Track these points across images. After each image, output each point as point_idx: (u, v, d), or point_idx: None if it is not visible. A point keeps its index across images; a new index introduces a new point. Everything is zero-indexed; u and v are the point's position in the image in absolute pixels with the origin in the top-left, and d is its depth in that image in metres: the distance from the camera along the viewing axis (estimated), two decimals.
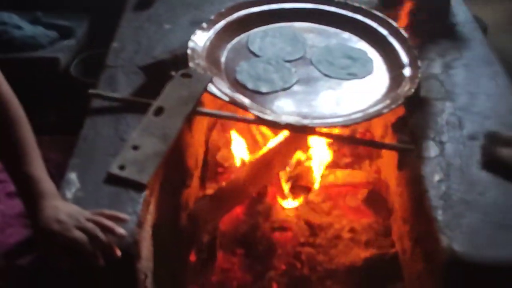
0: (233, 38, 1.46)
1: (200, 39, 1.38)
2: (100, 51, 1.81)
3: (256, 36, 1.47)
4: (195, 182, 1.42)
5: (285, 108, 1.25)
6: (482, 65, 1.40)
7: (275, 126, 1.19)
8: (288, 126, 1.17)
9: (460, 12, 1.64)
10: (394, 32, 1.44)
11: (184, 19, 1.54)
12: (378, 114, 1.20)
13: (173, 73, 1.23)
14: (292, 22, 1.53)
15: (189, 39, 1.36)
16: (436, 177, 1.07)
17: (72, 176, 1.05)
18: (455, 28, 1.56)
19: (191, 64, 1.28)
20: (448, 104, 1.25)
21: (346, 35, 1.50)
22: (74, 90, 1.78)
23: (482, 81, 1.34)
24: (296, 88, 1.32)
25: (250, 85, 1.31)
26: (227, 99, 1.21)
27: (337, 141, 1.41)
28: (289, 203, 1.45)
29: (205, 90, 1.21)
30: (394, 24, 1.46)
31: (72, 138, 1.34)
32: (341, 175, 1.53)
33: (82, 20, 1.94)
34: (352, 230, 1.42)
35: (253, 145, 1.50)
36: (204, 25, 1.42)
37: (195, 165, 1.40)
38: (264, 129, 1.48)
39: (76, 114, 1.46)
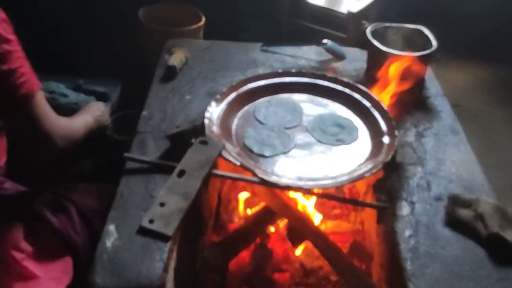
0: (242, 107, 1.61)
1: (215, 109, 1.53)
2: (130, 112, 1.98)
3: (261, 105, 1.62)
4: (209, 230, 1.55)
5: (284, 169, 1.39)
6: (449, 134, 1.54)
7: (276, 187, 1.33)
8: (286, 187, 1.31)
9: (433, 86, 1.79)
10: (376, 105, 1.59)
11: (202, 90, 1.69)
12: (361, 177, 1.33)
13: (193, 140, 1.38)
14: (292, 93, 1.68)
15: (206, 109, 1.51)
16: (407, 233, 1.20)
17: (111, 227, 1.18)
18: (427, 100, 1.72)
19: (207, 132, 1.42)
20: (419, 169, 1.39)
21: (336, 105, 1.65)
22: (107, 144, 1.92)
23: (448, 149, 1.48)
24: (294, 152, 1.46)
25: (255, 149, 1.45)
26: (237, 163, 1.35)
27: (327, 199, 1.54)
28: (291, 249, 1.57)
29: (219, 155, 1.35)
30: (376, 97, 1.61)
31: (105, 186, 1.49)
32: (330, 225, 1.66)
33: (116, 85, 2.10)
34: None
35: (257, 198, 1.64)
36: (218, 96, 1.58)
37: (209, 216, 1.54)
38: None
39: (109, 165, 1.61)
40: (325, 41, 1.93)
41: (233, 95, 1.61)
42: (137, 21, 2.54)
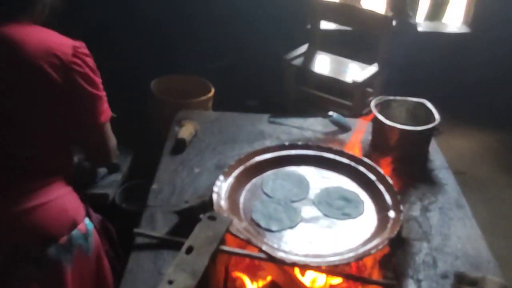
0: (250, 180, 1.64)
1: (223, 183, 1.57)
2: (140, 181, 2.02)
3: (269, 178, 1.65)
4: None
5: (291, 244, 1.40)
6: (454, 208, 1.56)
7: (283, 264, 1.34)
8: (293, 264, 1.32)
9: (437, 158, 1.82)
10: (381, 178, 1.61)
11: (210, 163, 1.74)
12: (367, 254, 1.34)
13: (201, 216, 1.40)
14: (298, 166, 1.72)
15: (214, 182, 1.54)
16: None
17: None
18: (432, 173, 1.74)
19: (215, 207, 1.45)
20: (425, 245, 1.40)
21: (342, 178, 1.67)
22: (116, 212, 1.96)
23: (453, 223, 1.49)
24: (300, 226, 1.47)
25: (263, 224, 1.47)
26: (244, 238, 1.37)
27: (334, 275, 1.54)
28: None
29: (227, 231, 1.37)
30: (381, 171, 1.64)
31: None
32: None
33: (127, 155, 2.16)
34: None
35: (264, 273, 1.63)
36: (226, 170, 1.61)
37: None
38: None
39: (118, 232, 1.64)
40: (330, 113, 1.99)
41: (240, 168, 1.64)
42: (148, 93, 2.64)
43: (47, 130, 1.35)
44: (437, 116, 1.79)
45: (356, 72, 2.89)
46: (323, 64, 3.04)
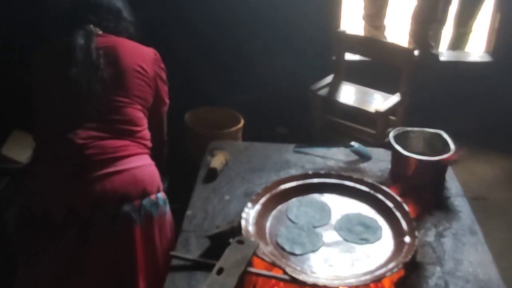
0: (276, 207, 1.74)
1: (251, 210, 1.68)
2: (175, 206, 2.15)
3: (293, 205, 1.76)
4: None
5: (313, 267, 1.50)
6: (467, 235, 1.63)
7: (304, 285, 1.44)
8: (314, 285, 1.42)
9: (453, 186, 1.89)
10: (398, 205, 1.70)
11: (239, 191, 1.85)
12: (382, 277, 1.43)
13: (230, 240, 1.52)
14: (321, 193, 1.81)
15: (242, 209, 1.66)
16: None
17: None
18: (448, 200, 1.82)
19: (243, 232, 1.57)
20: (438, 269, 1.48)
21: (362, 205, 1.76)
22: None
23: (466, 249, 1.56)
24: (322, 250, 1.57)
25: (287, 248, 1.57)
26: (269, 260, 1.48)
27: None
28: None
29: (254, 254, 1.49)
30: (398, 198, 1.73)
31: None
32: None
33: (164, 183, 2.30)
34: None
35: None
36: (254, 197, 1.72)
37: None
38: None
39: None
40: (352, 143, 2.09)
41: (267, 196, 1.75)
42: (183, 124, 2.80)
43: (144, 107, 1.84)
44: (452, 146, 1.87)
45: (379, 101, 2.99)
46: (348, 94, 3.15)
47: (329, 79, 3.27)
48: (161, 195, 1.81)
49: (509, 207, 2.84)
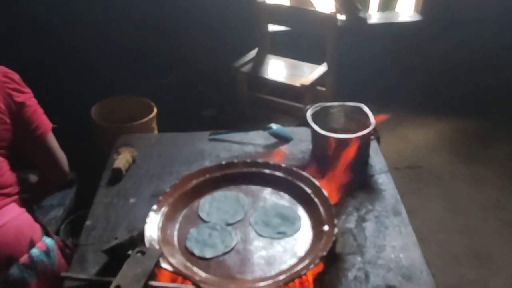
0: (187, 206, 1.61)
1: (156, 213, 1.53)
2: (84, 211, 1.98)
3: (205, 202, 1.62)
4: None
5: (226, 271, 1.38)
6: (390, 216, 1.54)
7: None
8: None
9: (377, 162, 1.80)
10: (317, 191, 1.59)
11: (147, 191, 1.70)
12: (298, 275, 1.33)
13: (130, 252, 1.37)
14: (237, 185, 1.69)
15: (148, 212, 1.52)
16: None
17: None
18: (372, 179, 1.73)
19: (146, 240, 1.42)
20: (358, 259, 1.39)
21: (281, 194, 1.65)
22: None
23: (388, 232, 1.48)
24: (235, 250, 1.45)
25: (196, 252, 1.44)
26: (173, 270, 1.34)
27: None
28: None
29: (156, 265, 1.35)
30: (317, 183, 1.62)
31: None
32: None
33: (69, 190, 2.12)
34: None
35: None
36: (160, 198, 1.58)
37: None
38: None
39: None
40: (270, 125, 1.97)
41: (176, 194, 1.62)
42: (90, 118, 2.59)
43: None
44: (372, 120, 1.77)
45: (306, 74, 2.87)
46: (273, 68, 3.02)
47: (253, 53, 3.12)
48: (37, 249, 1.51)
49: (444, 174, 2.81)
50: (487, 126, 3.18)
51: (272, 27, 3.20)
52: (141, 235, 1.44)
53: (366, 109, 1.85)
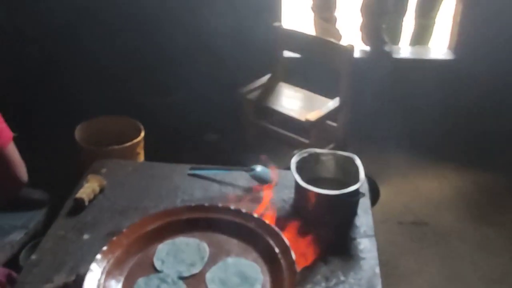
0: (141, 251, 1.49)
1: (105, 256, 1.41)
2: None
3: (163, 248, 1.49)
4: None
5: None
6: None
7: None
8: None
9: (364, 224, 1.63)
10: (285, 252, 1.44)
11: (104, 228, 1.57)
12: None
13: None
14: (202, 232, 1.56)
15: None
16: None
17: None
18: (352, 242, 1.56)
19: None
20: None
21: (247, 248, 1.50)
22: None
23: None
24: None
25: None
26: None
27: None
28: None
29: None
30: (287, 242, 1.47)
31: None
32: None
33: (36, 213, 2.03)
34: None
35: None
36: (114, 238, 1.46)
37: None
38: None
39: None
40: (254, 166, 1.84)
41: (132, 236, 1.50)
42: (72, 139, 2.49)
43: None
44: (362, 176, 1.62)
45: (316, 108, 2.72)
46: (282, 98, 2.88)
47: (264, 79, 2.99)
48: None
49: (450, 234, 2.56)
50: (504, 181, 2.90)
51: (287, 54, 3.06)
52: (80, 281, 1.33)
53: (358, 162, 1.70)
